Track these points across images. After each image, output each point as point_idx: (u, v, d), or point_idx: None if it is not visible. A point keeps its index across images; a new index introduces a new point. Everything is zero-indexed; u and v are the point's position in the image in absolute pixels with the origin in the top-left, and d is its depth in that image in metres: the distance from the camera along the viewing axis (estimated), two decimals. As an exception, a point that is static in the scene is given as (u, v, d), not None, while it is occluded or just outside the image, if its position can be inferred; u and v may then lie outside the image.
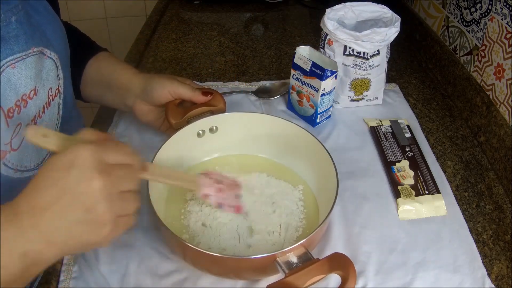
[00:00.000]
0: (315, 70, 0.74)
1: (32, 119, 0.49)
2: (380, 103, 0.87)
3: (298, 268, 0.47)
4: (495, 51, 0.77)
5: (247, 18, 1.21)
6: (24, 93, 0.47)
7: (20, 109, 0.47)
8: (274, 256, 0.48)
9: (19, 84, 0.47)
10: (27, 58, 0.47)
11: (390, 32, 0.76)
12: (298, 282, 0.45)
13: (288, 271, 0.47)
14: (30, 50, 0.48)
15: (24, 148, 0.49)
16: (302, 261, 0.48)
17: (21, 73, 0.47)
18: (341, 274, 0.46)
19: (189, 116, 0.67)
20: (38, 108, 0.50)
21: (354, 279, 0.45)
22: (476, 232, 0.64)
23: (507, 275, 0.59)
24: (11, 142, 0.48)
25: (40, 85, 0.50)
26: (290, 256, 0.49)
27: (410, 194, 0.67)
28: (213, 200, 0.55)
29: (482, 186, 0.72)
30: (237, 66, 0.99)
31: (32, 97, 0.49)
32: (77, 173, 0.37)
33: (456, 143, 0.80)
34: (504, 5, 0.74)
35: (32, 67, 0.48)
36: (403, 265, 0.59)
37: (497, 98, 0.77)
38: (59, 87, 0.55)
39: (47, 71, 0.51)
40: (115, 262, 0.57)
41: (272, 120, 0.68)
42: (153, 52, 1.04)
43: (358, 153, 0.76)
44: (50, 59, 0.52)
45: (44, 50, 0.50)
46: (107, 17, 1.62)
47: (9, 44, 0.45)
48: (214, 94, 0.69)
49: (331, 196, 0.55)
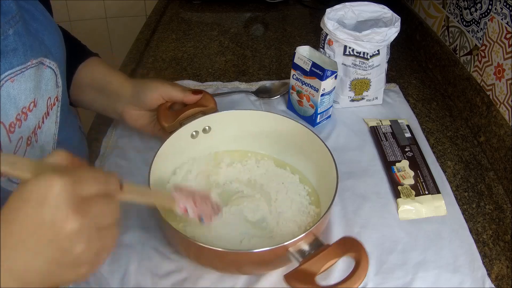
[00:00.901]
0: (315, 70, 0.74)
1: (32, 131, 0.49)
2: (380, 103, 0.87)
3: (311, 255, 0.48)
4: (495, 51, 0.77)
5: (247, 18, 1.21)
6: (24, 106, 0.47)
7: (21, 123, 0.47)
8: (286, 247, 0.49)
9: (18, 98, 0.46)
10: (26, 71, 0.46)
11: (390, 32, 0.76)
12: (313, 269, 0.46)
13: (301, 259, 0.48)
14: (28, 62, 0.47)
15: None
16: (313, 248, 0.49)
17: (20, 86, 0.46)
18: (353, 256, 0.47)
19: (181, 118, 0.67)
20: (38, 119, 0.50)
21: (366, 261, 0.46)
22: (476, 232, 0.64)
23: (507, 275, 0.59)
24: None
25: (39, 96, 0.49)
26: (301, 244, 0.50)
27: (410, 194, 0.67)
28: (191, 213, 0.53)
29: (482, 186, 0.72)
30: (237, 66, 0.99)
31: (32, 109, 0.48)
32: (50, 211, 0.34)
33: (456, 143, 0.80)
34: (504, 5, 0.74)
35: (31, 80, 0.47)
36: (403, 265, 0.59)
37: (497, 98, 0.77)
38: (58, 96, 0.54)
39: (46, 81, 0.51)
40: (115, 262, 0.57)
41: (263, 116, 0.68)
42: (153, 52, 1.04)
43: (358, 153, 0.76)
44: (49, 69, 0.51)
45: (44, 60, 0.50)
46: (107, 17, 1.62)
47: (7, 58, 0.44)
48: (204, 94, 0.69)
49: (332, 186, 0.56)
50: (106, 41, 1.65)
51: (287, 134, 0.67)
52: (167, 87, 0.67)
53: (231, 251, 0.51)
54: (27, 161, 0.37)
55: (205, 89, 0.90)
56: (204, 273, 0.57)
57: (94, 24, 1.61)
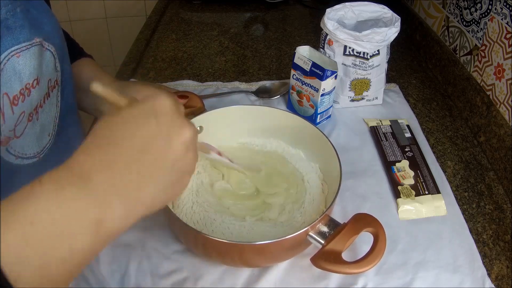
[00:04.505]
0: (315, 70, 0.74)
1: (34, 108, 0.50)
2: (380, 103, 0.87)
3: (332, 235, 0.50)
4: (495, 51, 0.77)
5: (247, 18, 1.21)
6: (28, 82, 0.48)
7: (24, 98, 0.48)
8: (306, 231, 0.50)
9: (23, 73, 0.47)
10: (31, 47, 0.48)
11: (390, 32, 0.76)
12: (337, 247, 0.49)
13: (324, 241, 0.50)
14: (33, 40, 0.48)
15: (26, 135, 0.50)
16: (332, 228, 0.51)
17: (25, 62, 0.47)
18: (371, 230, 0.51)
19: None
20: (40, 98, 0.51)
21: (384, 234, 0.50)
22: (476, 232, 0.64)
23: (507, 275, 0.59)
24: (15, 129, 0.49)
25: (41, 75, 0.51)
26: (320, 227, 0.51)
27: (410, 194, 0.67)
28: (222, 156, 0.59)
29: (482, 186, 0.72)
30: (237, 66, 0.99)
31: (35, 86, 0.49)
32: (166, 120, 0.35)
33: (456, 143, 0.80)
34: (504, 5, 0.74)
35: (35, 57, 0.49)
36: (403, 265, 0.59)
37: (497, 98, 0.77)
38: (57, 79, 0.56)
39: (46, 62, 0.52)
40: (115, 262, 0.57)
41: (255, 110, 0.69)
42: (153, 52, 1.04)
43: (358, 153, 0.76)
44: (48, 51, 0.53)
45: (43, 42, 0.51)
46: (107, 17, 1.62)
47: (15, 34, 0.46)
48: (191, 96, 0.70)
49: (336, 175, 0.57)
50: (106, 41, 1.65)
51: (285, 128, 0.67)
52: (151, 89, 0.66)
53: (253, 244, 0.50)
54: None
55: (205, 89, 0.90)
56: (204, 273, 0.57)
57: (94, 24, 1.61)
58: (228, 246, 0.50)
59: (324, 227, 0.51)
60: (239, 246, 0.50)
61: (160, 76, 0.95)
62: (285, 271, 0.57)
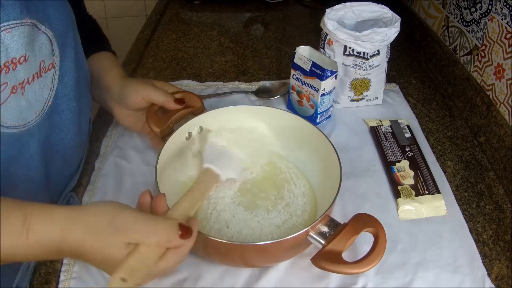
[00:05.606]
0: (315, 70, 0.74)
1: (20, 83, 0.52)
2: (380, 103, 0.87)
3: (332, 235, 0.50)
4: (495, 51, 0.77)
5: (247, 18, 1.21)
6: (14, 57, 0.50)
7: (8, 70, 0.50)
8: (306, 232, 0.50)
9: (10, 48, 0.49)
10: (21, 26, 0.50)
11: (390, 32, 0.76)
12: (338, 248, 0.49)
13: (324, 241, 0.50)
14: (24, 19, 0.50)
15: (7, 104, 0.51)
16: (332, 229, 0.51)
17: (13, 38, 0.49)
18: (371, 231, 0.51)
19: (172, 122, 0.67)
20: (28, 74, 0.52)
21: (384, 234, 0.50)
22: (476, 232, 0.64)
23: (507, 275, 0.59)
24: None
25: (31, 54, 0.52)
26: (320, 227, 0.51)
27: (410, 194, 0.67)
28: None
29: (482, 186, 0.72)
30: (237, 66, 0.99)
31: (22, 62, 0.51)
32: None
33: (456, 143, 0.80)
34: (504, 5, 0.74)
35: (24, 36, 0.50)
36: (403, 265, 0.59)
37: (497, 98, 0.77)
38: (54, 63, 0.56)
39: (40, 44, 0.53)
40: (115, 262, 0.57)
41: (255, 110, 0.69)
42: (153, 52, 1.04)
43: (358, 153, 0.76)
44: (44, 35, 0.54)
45: (38, 25, 0.53)
46: (107, 17, 1.62)
47: (6, 11, 0.48)
48: (190, 96, 0.69)
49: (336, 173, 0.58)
50: (106, 41, 1.65)
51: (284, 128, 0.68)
52: (149, 90, 0.67)
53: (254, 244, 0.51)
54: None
55: (205, 89, 0.90)
56: (204, 273, 0.57)
57: (94, 24, 1.60)
58: (228, 247, 0.50)
59: (324, 227, 0.51)
60: (239, 246, 0.50)
61: (160, 76, 0.95)
62: (285, 271, 0.57)
